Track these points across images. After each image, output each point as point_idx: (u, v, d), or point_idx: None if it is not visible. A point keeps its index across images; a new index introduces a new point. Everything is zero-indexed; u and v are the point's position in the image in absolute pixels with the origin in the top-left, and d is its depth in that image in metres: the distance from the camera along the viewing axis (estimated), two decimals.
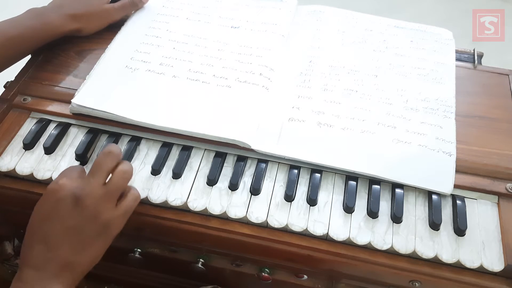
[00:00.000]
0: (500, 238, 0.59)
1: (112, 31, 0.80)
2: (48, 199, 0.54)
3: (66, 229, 0.52)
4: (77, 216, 0.52)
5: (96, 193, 0.53)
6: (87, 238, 0.53)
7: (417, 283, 0.60)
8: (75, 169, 0.56)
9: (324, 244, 0.60)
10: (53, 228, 0.52)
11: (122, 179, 0.55)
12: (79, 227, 0.52)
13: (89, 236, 0.53)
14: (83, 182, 0.54)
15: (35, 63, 0.76)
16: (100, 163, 0.55)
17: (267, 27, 0.81)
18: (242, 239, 0.61)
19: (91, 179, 0.54)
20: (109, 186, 0.54)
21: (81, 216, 0.52)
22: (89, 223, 0.53)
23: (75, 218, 0.52)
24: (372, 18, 0.85)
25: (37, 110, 0.69)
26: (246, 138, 0.64)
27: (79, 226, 0.52)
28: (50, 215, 0.53)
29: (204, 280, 0.72)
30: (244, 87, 0.70)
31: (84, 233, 0.52)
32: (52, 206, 0.53)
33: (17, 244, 0.79)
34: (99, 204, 0.53)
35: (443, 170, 0.63)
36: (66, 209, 0.52)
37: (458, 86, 0.74)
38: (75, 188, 0.53)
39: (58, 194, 0.53)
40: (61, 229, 0.52)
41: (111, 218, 0.54)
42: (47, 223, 0.53)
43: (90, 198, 0.53)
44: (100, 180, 0.54)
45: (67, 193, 0.53)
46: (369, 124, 0.67)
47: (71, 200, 0.52)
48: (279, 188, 0.63)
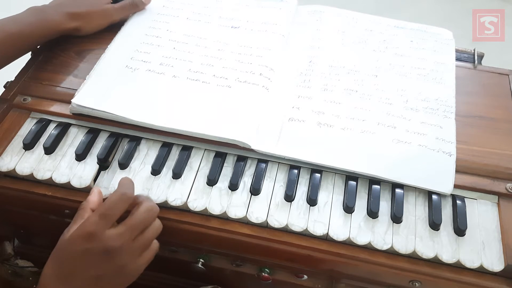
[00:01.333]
0: (500, 238, 0.59)
1: (112, 31, 0.80)
2: (78, 243, 0.53)
3: (91, 277, 0.52)
4: (104, 267, 0.52)
5: (127, 249, 0.53)
6: (107, 285, 0.53)
7: (417, 283, 0.60)
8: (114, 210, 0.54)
9: (324, 244, 0.60)
10: (78, 273, 0.52)
11: (154, 235, 0.57)
12: (102, 277, 0.52)
13: (109, 283, 0.53)
14: (117, 234, 0.53)
15: (35, 63, 0.76)
16: (141, 219, 0.55)
17: (267, 27, 0.81)
18: (242, 239, 0.61)
19: (126, 233, 0.53)
20: (141, 242, 0.55)
21: (108, 267, 0.53)
22: (113, 274, 0.53)
23: (102, 269, 0.52)
24: (372, 18, 0.85)
25: (37, 110, 0.69)
26: (246, 138, 0.64)
27: (103, 276, 0.52)
28: (77, 260, 0.52)
29: (204, 280, 0.72)
30: (244, 87, 0.70)
31: (106, 281, 0.53)
32: (82, 252, 0.52)
33: (17, 244, 0.79)
34: (127, 258, 0.53)
35: (443, 170, 0.63)
36: (95, 259, 0.52)
37: (458, 86, 0.74)
38: (107, 240, 0.52)
39: (90, 243, 0.52)
40: (86, 276, 0.52)
41: (133, 269, 0.54)
42: (72, 265, 0.53)
43: (121, 253, 0.53)
44: (134, 235, 0.54)
45: (99, 244, 0.52)
46: (369, 124, 0.67)
47: (102, 252, 0.52)
48: (279, 188, 0.63)
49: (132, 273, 0.55)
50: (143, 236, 0.55)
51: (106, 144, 0.66)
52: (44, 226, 0.72)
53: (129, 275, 0.54)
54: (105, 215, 0.53)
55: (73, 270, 0.52)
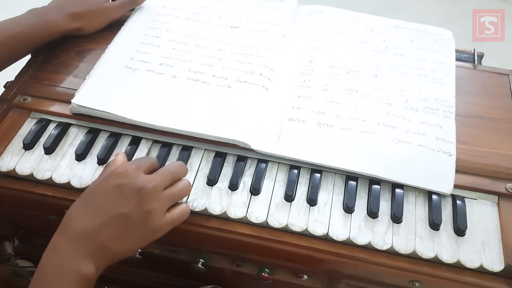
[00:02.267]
0: (500, 238, 0.59)
1: (112, 31, 0.80)
2: (113, 179, 0.54)
3: (118, 214, 0.52)
4: (131, 206, 0.53)
5: (156, 193, 0.54)
6: (131, 229, 0.53)
7: (417, 283, 0.60)
8: (147, 161, 0.57)
9: (324, 244, 0.60)
10: (104, 207, 0.53)
11: (184, 191, 0.58)
12: (128, 217, 0.52)
13: (133, 229, 0.53)
14: (149, 178, 0.55)
15: (35, 63, 0.76)
16: (172, 170, 0.57)
17: (267, 27, 0.81)
18: (242, 239, 0.61)
19: (158, 179, 0.55)
20: (169, 192, 0.55)
21: (135, 207, 0.53)
22: (138, 217, 0.53)
23: (128, 207, 0.52)
24: (372, 18, 0.85)
25: (37, 110, 0.69)
26: (246, 138, 0.64)
27: (130, 216, 0.52)
28: (108, 194, 0.53)
29: (204, 280, 0.72)
30: (244, 87, 0.70)
31: (130, 224, 0.53)
32: (114, 187, 0.54)
33: (17, 244, 0.79)
34: (154, 204, 0.53)
35: (443, 170, 0.63)
36: (125, 195, 0.53)
37: (458, 86, 0.74)
38: (141, 181, 0.54)
39: (124, 179, 0.54)
40: (112, 211, 0.52)
41: (158, 221, 0.54)
42: (102, 200, 0.53)
43: (150, 195, 0.53)
44: (164, 184, 0.55)
45: (132, 181, 0.54)
46: (369, 124, 0.67)
47: (133, 189, 0.53)
48: (279, 188, 0.63)
49: (155, 227, 0.54)
50: (172, 187, 0.56)
51: (106, 144, 0.66)
52: (44, 226, 0.71)
53: (151, 227, 0.53)
54: (140, 162, 0.57)
55: (101, 205, 0.53)
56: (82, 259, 0.51)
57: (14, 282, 0.78)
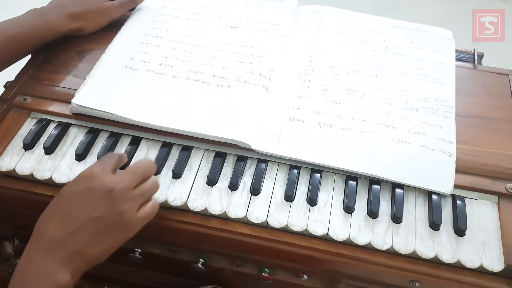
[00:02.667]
0: (500, 238, 0.59)
1: (112, 31, 0.80)
2: (80, 183, 0.54)
3: (89, 218, 0.52)
4: (103, 209, 0.52)
5: (127, 193, 0.54)
6: (104, 231, 0.52)
7: (417, 283, 0.60)
8: (112, 160, 0.57)
9: (324, 244, 0.60)
10: (77, 213, 0.52)
11: (153, 188, 0.57)
12: (101, 220, 0.52)
13: (106, 230, 0.53)
14: (118, 178, 0.54)
15: (35, 63, 0.76)
16: (140, 167, 0.57)
17: (267, 27, 0.81)
18: (242, 239, 0.61)
19: (127, 178, 0.55)
20: (139, 190, 0.55)
21: (107, 210, 0.52)
22: (111, 218, 0.53)
23: (101, 210, 0.52)
24: (372, 18, 0.85)
25: (37, 110, 0.69)
26: (246, 138, 0.64)
27: (102, 218, 0.52)
28: (78, 199, 0.53)
29: (204, 280, 0.72)
30: (244, 87, 0.70)
31: (103, 226, 0.52)
32: (83, 191, 0.53)
33: (17, 244, 0.79)
34: (126, 203, 0.53)
35: (443, 170, 0.63)
36: (96, 198, 0.53)
37: (458, 86, 0.74)
38: (109, 182, 0.53)
39: (92, 182, 0.53)
40: (85, 216, 0.52)
41: (131, 219, 0.54)
42: (72, 205, 0.53)
43: (121, 195, 0.53)
44: (134, 182, 0.55)
45: (101, 183, 0.53)
46: (369, 124, 0.67)
47: (103, 191, 0.53)
48: (279, 188, 0.63)
49: (129, 225, 0.54)
50: (142, 185, 0.56)
51: (106, 144, 0.66)
52: None
53: (126, 226, 0.53)
54: (105, 161, 0.56)
55: (74, 210, 0.52)
56: (57, 269, 0.50)
57: None
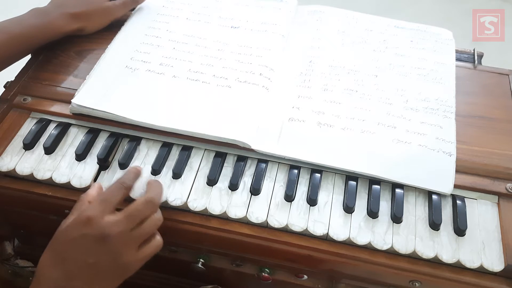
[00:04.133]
0: (500, 238, 0.59)
1: (112, 31, 0.80)
2: (77, 228, 0.53)
3: (86, 263, 0.52)
4: (100, 254, 0.52)
5: (124, 237, 0.53)
6: (102, 275, 0.53)
7: (417, 283, 0.60)
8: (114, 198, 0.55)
9: (324, 244, 0.60)
10: (73, 258, 0.52)
11: (151, 228, 0.56)
12: (98, 265, 0.52)
13: (104, 273, 0.53)
14: (115, 222, 0.53)
15: (35, 63, 0.76)
16: (139, 211, 0.55)
17: (267, 27, 0.81)
18: (242, 239, 0.61)
19: (123, 222, 0.53)
20: (138, 232, 0.54)
21: (103, 255, 0.52)
22: (108, 263, 0.52)
23: (97, 256, 0.52)
24: (372, 18, 0.85)
25: (37, 110, 0.69)
26: (246, 138, 0.64)
27: (99, 263, 0.52)
28: (74, 244, 0.53)
29: (204, 280, 0.72)
30: (244, 87, 0.70)
31: (101, 270, 0.52)
32: (79, 237, 0.52)
33: (17, 244, 0.79)
34: (123, 248, 0.53)
35: (443, 170, 0.63)
36: (91, 244, 0.52)
37: (458, 86, 0.74)
38: (105, 227, 0.52)
39: (88, 228, 0.52)
40: (81, 262, 0.52)
41: (130, 261, 0.53)
42: (69, 250, 0.53)
43: (117, 241, 0.52)
44: (131, 226, 0.54)
45: (96, 229, 0.52)
46: (369, 124, 0.67)
47: (99, 237, 0.52)
48: (279, 188, 0.63)
49: (128, 266, 0.54)
50: (141, 227, 0.54)
51: (106, 144, 0.66)
52: (44, 226, 0.71)
53: (125, 268, 0.53)
54: (104, 200, 0.54)
55: (69, 255, 0.52)
56: None
57: (14, 282, 0.78)
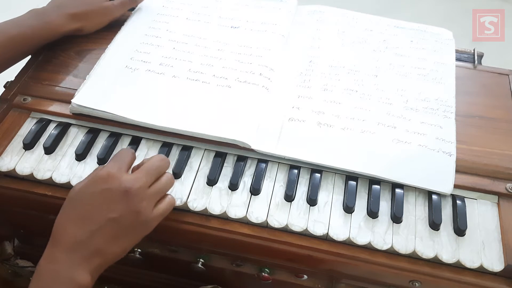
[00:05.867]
0: (500, 238, 0.59)
1: (112, 31, 0.80)
2: (97, 184, 0.54)
3: (108, 218, 0.52)
4: (121, 209, 0.53)
5: (143, 192, 0.54)
6: (123, 230, 0.53)
7: (417, 283, 0.60)
8: (126, 158, 0.57)
9: (324, 244, 0.60)
10: (94, 214, 0.53)
11: (168, 185, 0.58)
12: (119, 219, 0.53)
13: (125, 229, 0.53)
14: (134, 178, 0.54)
15: (35, 63, 0.76)
16: (155, 165, 0.57)
17: (267, 27, 0.81)
18: (242, 239, 0.61)
19: (143, 177, 0.55)
20: (155, 188, 0.56)
21: (125, 210, 0.53)
22: (129, 218, 0.53)
23: (118, 211, 0.53)
24: (372, 18, 0.85)
25: (37, 110, 0.69)
26: (246, 138, 0.64)
27: (120, 218, 0.53)
28: (96, 200, 0.53)
29: (204, 280, 0.72)
30: (244, 87, 0.70)
31: (122, 225, 0.53)
32: (100, 192, 0.53)
33: (17, 244, 0.79)
34: (143, 203, 0.54)
35: (443, 170, 0.63)
36: (113, 199, 0.53)
37: (458, 86, 0.74)
38: (126, 182, 0.53)
39: (109, 183, 0.53)
40: (103, 217, 0.52)
41: (148, 217, 0.55)
42: (90, 206, 0.53)
43: (138, 195, 0.54)
44: (150, 181, 0.55)
45: (118, 184, 0.53)
46: (369, 124, 0.67)
47: (120, 192, 0.53)
48: (279, 188, 0.63)
49: (147, 223, 0.55)
50: (157, 183, 0.56)
51: (106, 144, 0.66)
52: (44, 226, 0.71)
53: (143, 224, 0.54)
54: (120, 160, 0.56)
55: (90, 212, 0.53)
56: (77, 269, 0.51)
57: (14, 282, 0.79)
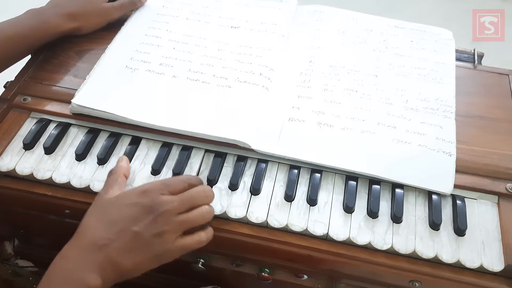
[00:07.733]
0: (500, 238, 0.59)
1: (112, 31, 0.80)
2: (134, 195, 0.55)
3: (130, 230, 0.52)
4: (144, 225, 0.53)
5: (169, 216, 0.54)
6: (139, 246, 0.53)
7: (417, 283, 0.60)
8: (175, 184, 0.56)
9: (324, 244, 0.60)
10: (120, 222, 0.53)
11: (197, 219, 0.56)
12: (139, 235, 0.52)
13: (141, 245, 0.53)
14: (166, 200, 0.54)
15: (35, 63, 0.76)
16: (192, 195, 0.56)
17: (267, 27, 0.81)
18: (242, 239, 0.61)
19: (175, 202, 0.54)
20: (183, 217, 0.55)
21: (147, 227, 0.53)
22: (148, 236, 0.53)
23: (141, 226, 0.53)
24: (372, 18, 0.85)
25: (37, 110, 0.69)
26: (246, 138, 0.64)
27: (140, 234, 0.52)
28: (126, 210, 0.54)
29: (204, 280, 0.72)
30: (244, 87, 0.70)
31: (139, 241, 0.53)
32: (132, 204, 0.54)
33: (17, 244, 0.79)
34: (165, 227, 0.53)
35: (443, 170, 0.63)
36: (140, 213, 0.53)
37: (458, 86, 0.74)
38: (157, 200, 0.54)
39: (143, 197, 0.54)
40: (126, 228, 0.53)
41: (168, 244, 0.54)
42: (119, 214, 0.54)
43: (163, 217, 0.53)
44: (181, 208, 0.55)
45: (150, 200, 0.54)
46: (369, 124, 0.67)
47: (148, 208, 0.53)
48: (279, 188, 0.63)
49: (165, 250, 0.53)
50: (187, 214, 0.55)
51: (106, 144, 0.66)
52: (44, 226, 0.72)
53: (162, 249, 0.53)
54: (167, 184, 0.56)
55: (117, 218, 0.53)
56: (90, 270, 0.51)
57: (14, 282, 0.78)
